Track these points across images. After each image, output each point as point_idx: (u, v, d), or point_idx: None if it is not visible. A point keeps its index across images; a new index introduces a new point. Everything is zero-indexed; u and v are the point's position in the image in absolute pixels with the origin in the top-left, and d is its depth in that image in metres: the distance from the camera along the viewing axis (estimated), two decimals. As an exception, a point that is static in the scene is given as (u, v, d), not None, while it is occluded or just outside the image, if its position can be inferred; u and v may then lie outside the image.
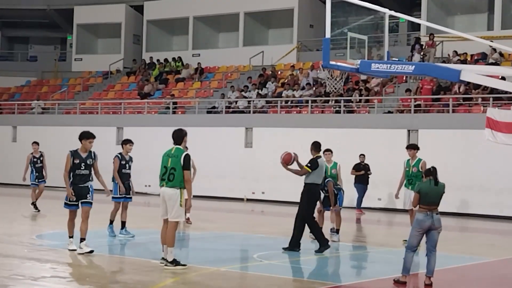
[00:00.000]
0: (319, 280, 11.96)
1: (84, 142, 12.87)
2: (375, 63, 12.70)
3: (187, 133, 12.25)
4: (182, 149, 11.93)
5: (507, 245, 17.96)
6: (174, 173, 11.76)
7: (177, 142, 12.04)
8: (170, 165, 11.81)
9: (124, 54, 40.95)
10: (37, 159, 21.38)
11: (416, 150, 16.18)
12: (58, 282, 10.45)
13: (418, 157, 16.10)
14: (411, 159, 16.10)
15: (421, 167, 15.76)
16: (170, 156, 11.87)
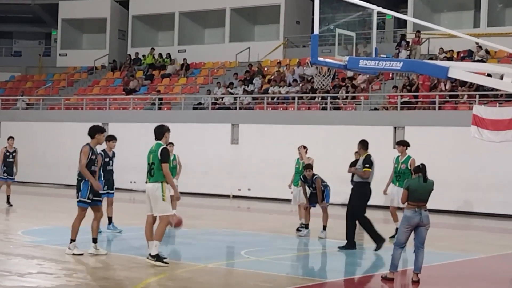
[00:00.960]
0: (307, 277, 11.96)
1: (98, 136, 12.61)
2: (363, 59, 12.70)
3: (170, 129, 12.19)
4: (162, 143, 11.90)
5: (494, 242, 18.02)
6: (153, 168, 11.77)
7: (158, 138, 12.05)
8: (151, 160, 11.83)
9: (109, 50, 40.75)
10: (10, 154, 21.27)
11: (405, 146, 16.11)
12: (45, 278, 10.37)
13: (407, 154, 16.05)
14: (400, 156, 16.05)
15: (410, 165, 15.73)
16: (151, 152, 11.90)
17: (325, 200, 16.17)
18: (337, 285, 11.05)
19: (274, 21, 36.63)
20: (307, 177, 16.18)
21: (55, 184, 32.65)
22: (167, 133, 12.10)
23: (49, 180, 32.97)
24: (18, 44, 46.33)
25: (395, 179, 16.01)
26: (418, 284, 10.92)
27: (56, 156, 32.77)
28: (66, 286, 9.91)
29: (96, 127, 12.63)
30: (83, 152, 12.31)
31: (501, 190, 23.58)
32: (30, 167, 33.23)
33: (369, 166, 14.48)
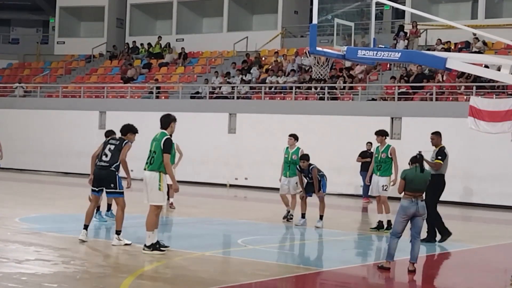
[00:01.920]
0: (303, 265, 12.03)
1: (131, 135, 12.64)
2: (361, 49, 12.76)
3: (176, 119, 12.18)
4: (166, 133, 11.90)
5: (489, 232, 18.10)
6: (154, 156, 11.75)
7: (163, 127, 12.01)
8: (153, 148, 11.81)
9: (107, 38, 40.68)
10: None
11: (384, 136, 16.06)
12: (42, 265, 10.41)
13: (387, 143, 16.02)
14: (380, 145, 15.97)
15: (390, 153, 15.75)
16: (154, 140, 11.87)
17: (321, 190, 16.21)
18: (333, 274, 11.12)
19: (272, 11, 36.61)
20: (302, 167, 16.22)
21: (52, 172, 32.69)
22: (173, 123, 12.05)
23: (46, 168, 33.00)
24: (15, 32, 46.25)
25: (376, 169, 15.86)
26: (414, 274, 11.00)
27: (53, 144, 32.79)
28: (63, 273, 9.96)
29: (129, 126, 12.61)
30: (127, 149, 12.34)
31: (497, 181, 23.67)
32: (27, 155, 33.30)
33: (441, 158, 14.49)
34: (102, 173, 12.53)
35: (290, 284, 10.37)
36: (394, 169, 15.73)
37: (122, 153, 12.36)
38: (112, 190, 12.47)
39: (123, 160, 12.37)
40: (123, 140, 12.50)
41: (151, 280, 9.85)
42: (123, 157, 12.35)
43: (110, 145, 12.59)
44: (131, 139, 12.63)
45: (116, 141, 12.60)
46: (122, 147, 12.42)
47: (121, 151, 12.40)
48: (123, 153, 12.37)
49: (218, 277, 10.43)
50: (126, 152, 12.44)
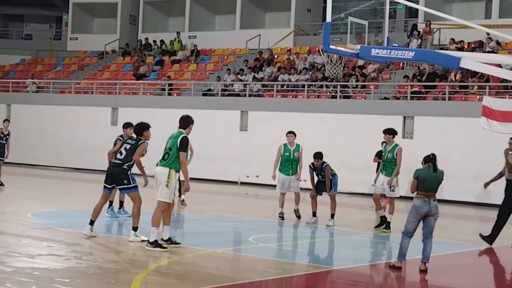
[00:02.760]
0: (314, 264, 12.02)
1: (146, 132, 12.66)
2: (375, 48, 12.70)
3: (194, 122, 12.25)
4: (183, 132, 11.95)
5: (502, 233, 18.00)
6: (170, 153, 11.81)
7: (182, 127, 12.08)
8: (168, 145, 11.86)
9: (120, 35, 40.78)
10: (4, 136, 21.75)
11: (392, 135, 15.67)
12: (55, 260, 10.45)
13: (395, 142, 15.68)
14: (388, 144, 15.67)
15: (396, 153, 15.47)
16: (171, 138, 11.93)
17: (333, 188, 16.20)
18: (344, 273, 11.10)
19: (285, 9, 36.60)
20: (315, 166, 16.19)
21: (64, 168, 32.79)
22: (192, 125, 12.18)
23: (58, 164, 33.10)
24: (29, 28, 46.40)
25: (382, 168, 15.68)
26: (426, 273, 10.97)
27: (65, 140, 32.90)
28: (75, 268, 9.98)
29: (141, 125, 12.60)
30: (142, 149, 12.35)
31: (509, 182, 23.53)
32: (40, 150, 33.43)
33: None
34: (114, 171, 12.59)
35: (301, 282, 10.36)
36: (395, 169, 15.45)
37: (136, 153, 12.40)
38: (125, 186, 12.51)
39: (136, 160, 12.40)
40: (139, 140, 12.53)
41: (163, 276, 9.87)
42: (136, 157, 12.39)
43: (126, 144, 12.68)
44: (147, 137, 12.65)
45: (132, 141, 12.66)
46: (138, 146, 12.45)
47: (136, 151, 12.43)
48: (137, 153, 12.41)
49: (229, 274, 10.44)
50: (141, 152, 12.47)
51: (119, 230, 14.40)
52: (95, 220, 12.65)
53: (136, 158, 12.40)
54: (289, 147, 16.76)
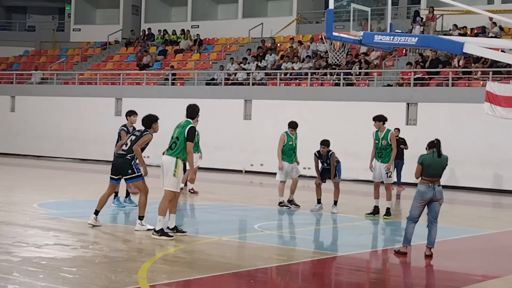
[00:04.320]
0: (319, 250, 12.09)
1: (155, 125, 12.69)
2: (378, 35, 12.75)
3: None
4: (191, 121, 11.99)
5: (506, 217, 18.09)
6: (177, 142, 11.84)
7: (189, 116, 12.15)
8: (175, 135, 11.90)
9: (123, 25, 40.78)
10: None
11: (382, 121, 15.51)
12: (61, 250, 10.52)
13: (386, 128, 15.56)
14: (380, 132, 15.51)
15: (390, 139, 15.39)
16: (179, 127, 11.97)
17: (337, 176, 16.23)
18: (350, 259, 11.15)
19: (288, -3, 36.56)
20: (321, 153, 16.22)
21: (69, 158, 32.88)
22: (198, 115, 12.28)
23: (62, 154, 33.18)
24: (32, 19, 46.38)
25: (377, 156, 15.52)
26: (431, 258, 11.02)
27: (70, 131, 32.97)
28: (82, 257, 10.05)
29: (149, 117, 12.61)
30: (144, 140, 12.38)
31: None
32: (44, 141, 33.51)
33: None
34: (118, 161, 12.68)
35: (307, 268, 10.42)
36: (392, 154, 15.39)
37: (137, 143, 12.43)
38: (130, 176, 12.57)
39: (136, 150, 12.40)
40: (146, 131, 12.55)
41: (169, 265, 9.93)
42: (136, 147, 12.41)
43: (133, 136, 12.76)
44: (156, 129, 12.66)
45: (138, 132, 12.73)
46: (141, 137, 12.49)
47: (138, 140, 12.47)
48: (138, 143, 12.43)
49: (235, 262, 10.50)
50: (143, 143, 12.48)
51: (125, 220, 14.48)
52: (100, 210, 12.72)
53: (136, 148, 12.41)
54: (291, 136, 16.77)
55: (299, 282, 9.71)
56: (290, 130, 16.74)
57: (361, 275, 10.27)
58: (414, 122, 25.42)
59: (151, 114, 12.76)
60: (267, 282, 9.51)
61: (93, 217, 12.66)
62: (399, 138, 23.04)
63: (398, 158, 22.10)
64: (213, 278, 9.11)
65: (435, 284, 9.94)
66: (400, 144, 22.59)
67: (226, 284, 9.08)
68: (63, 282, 8.45)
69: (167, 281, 8.83)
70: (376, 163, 15.59)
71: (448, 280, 9.86)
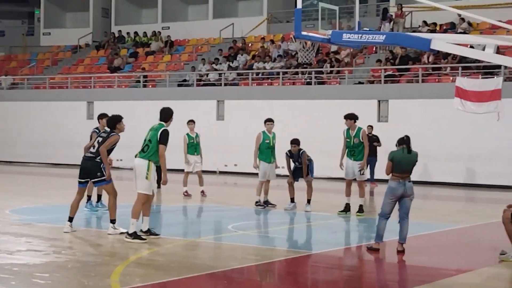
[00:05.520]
0: (293, 249, 12.12)
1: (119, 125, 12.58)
2: (346, 33, 12.82)
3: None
4: (164, 125, 11.96)
5: (477, 212, 18.26)
6: (149, 145, 11.82)
7: (163, 119, 12.09)
8: (148, 137, 11.88)
9: (93, 28, 40.58)
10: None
11: (354, 120, 15.52)
12: (34, 256, 10.45)
13: (357, 126, 15.56)
14: (351, 130, 15.52)
15: (362, 137, 15.44)
16: (152, 130, 11.95)
17: (309, 174, 16.29)
18: (323, 257, 11.21)
19: (258, -3, 36.60)
20: (292, 152, 16.27)
21: (41, 163, 32.65)
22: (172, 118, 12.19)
23: (35, 159, 32.95)
24: (1, 24, 45.96)
25: (350, 154, 15.56)
26: (403, 254, 11.11)
27: (41, 135, 32.75)
28: (55, 262, 10.00)
29: (113, 118, 12.53)
30: (111, 141, 12.30)
31: (484, 161, 23.84)
32: (16, 147, 33.28)
33: None
34: (87, 164, 12.60)
35: (281, 267, 10.45)
36: (365, 152, 15.44)
37: (104, 144, 12.36)
38: (99, 179, 12.51)
39: (102, 151, 12.32)
40: (112, 132, 12.49)
41: (143, 268, 9.90)
42: (103, 148, 12.32)
43: (100, 137, 12.68)
44: (121, 129, 12.59)
45: (105, 134, 12.65)
46: (108, 138, 12.42)
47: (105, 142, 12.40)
48: (105, 144, 12.36)
49: (210, 263, 10.51)
50: (110, 144, 12.40)
51: (98, 224, 14.40)
52: (74, 216, 12.64)
53: (103, 149, 12.33)
54: (268, 135, 16.79)
55: (274, 281, 9.75)
56: (268, 126, 16.76)
57: (335, 273, 10.32)
58: (385, 119, 25.57)
59: (115, 114, 12.70)
60: (241, 283, 9.52)
61: (68, 224, 12.56)
62: (372, 135, 23.20)
63: (371, 155, 22.17)
64: (186, 280, 9.11)
65: (408, 279, 10.02)
66: (373, 142, 22.77)
67: (200, 285, 9.08)
68: (35, 288, 8.42)
69: (140, 284, 8.81)
70: (349, 161, 15.66)
71: (420, 275, 9.94)
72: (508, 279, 10.07)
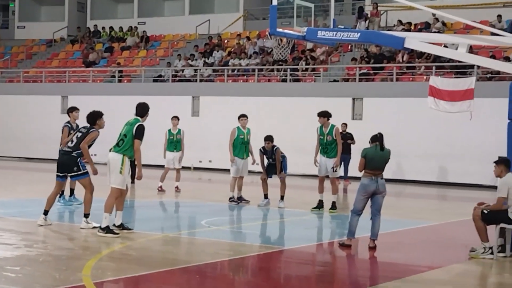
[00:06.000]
0: (266, 244, 12.18)
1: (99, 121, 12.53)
2: (321, 30, 12.91)
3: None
4: (139, 120, 11.94)
5: (449, 210, 18.44)
6: (124, 140, 11.80)
7: (139, 114, 12.05)
8: (123, 132, 11.87)
9: (68, 22, 40.31)
10: None
11: (327, 117, 15.55)
12: (4, 249, 10.39)
13: (330, 123, 15.59)
14: (324, 127, 15.56)
15: (335, 135, 15.49)
16: (127, 125, 11.95)
17: (283, 171, 16.35)
18: (295, 252, 11.27)
19: (234, -7, 36.56)
20: (266, 149, 16.32)
21: (15, 157, 32.43)
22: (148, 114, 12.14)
23: (8, 153, 32.71)
24: (-26, 17, 45.61)
25: (323, 151, 15.60)
26: (375, 250, 11.20)
27: (15, 130, 32.52)
28: (26, 256, 9.96)
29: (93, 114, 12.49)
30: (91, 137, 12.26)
31: (456, 160, 24.06)
32: (-11, 141, 32.97)
33: None
34: (64, 159, 12.59)
35: (254, 262, 10.49)
36: (338, 150, 15.51)
37: (85, 141, 12.34)
38: (75, 173, 12.50)
39: (83, 148, 12.33)
40: (92, 128, 12.47)
41: (115, 262, 9.90)
42: (84, 145, 12.32)
43: (78, 132, 12.67)
44: (101, 125, 12.56)
45: (84, 129, 12.62)
46: (88, 134, 12.40)
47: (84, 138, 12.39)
48: (86, 140, 12.35)
49: (182, 257, 10.54)
50: (90, 140, 12.40)
51: (70, 218, 14.35)
52: (49, 209, 12.60)
53: (84, 146, 12.33)
54: (242, 130, 16.83)
55: (247, 276, 9.78)
56: (242, 122, 16.79)
57: (307, 268, 10.38)
58: (360, 117, 25.71)
59: (95, 110, 12.68)
60: (214, 277, 9.54)
61: (42, 217, 12.53)
62: (347, 133, 23.32)
63: (345, 153, 22.32)
64: (158, 274, 9.12)
65: (379, 275, 10.11)
66: (347, 139, 22.89)
67: (173, 279, 9.09)
68: (5, 282, 8.37)
69: (112, 278, 8.81)
70: (322, 158, 15.72)
71: (391, 271, 10.04)
72: (477, 275, 10.20)
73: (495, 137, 21.36)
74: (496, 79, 24.19)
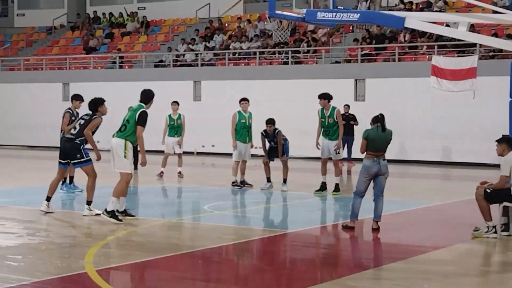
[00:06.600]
0: (269, 228, 12.14)
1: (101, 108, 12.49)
2: (321, 11, 12.82)
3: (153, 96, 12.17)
4: (143, 106, 11.87)
5: (453, 189, 18.39)
6: (127, 125, 11.77)
7: (143, 101, 12.00)
8: (126, 117, 11.84)
9: (68, 9, 40.16)
10: None
11: (328, 99, 15.41)
12: (7, 238, 10.38)
13: (331, 105, 15.48)
14: (325, 110, 15.44)
15: (336, 117, 15.40)
16: (130, 110, 11.92)
17: (285, 154, 16.30)
18: (299, 235, 11.23)
19: (234, -24, 36.36)
20: (268, 132, 16.26)
21: (17, 146, 32.42)
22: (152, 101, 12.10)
23: (10, 142, 32.71)
24: (-27, 5, 45.45)
25: (325, 134, 15.50)
26: (378, 232, 11.16)
27: (17, 118, 32.48)
28: (28, 244, 9.94)
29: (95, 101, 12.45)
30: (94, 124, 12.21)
31: (459, 139, 23.98)
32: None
33: None
34: (67, 146, 12.59)
35: (257, 246, 10.46)
36: (340, 132, 15.44)
37: (88, 127, 12.31)
38: (78, 161, 12.47)
39: (87, 134, 12.31)
40: (94, 115, 12.43)
41: (118, 248, 9.88)
42: (87, 131, 12.30)
43: (81, 119, 12.65)
44: (103, 112, 12.53)
45: (87, 116, 12.58)
46: (91, 121, 12.37)
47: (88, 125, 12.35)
48: (89, 127, 12.32)
49: (185, 243, 10.52)
50: (93, 126, 12.36)
51: (73, 205, 14.33)
52: (52, 196, 12.59)
53: (87, 132, 12.31)
54: (244, 114, 16.78)
55: (251, 260, 9.75)
56: (243, 105, 16.72)
57: (311, 251, 10.33)
58: (362, 98, 25.62)
59: (97, 97, 12.64)
60: (218, 262, 9.49)
61: (45, 203, 12.53)
62: (349, 114, 23.23)
63: (348, 134, 22.28)
64: (162, 260, 9.09)
65: (382, 257, 10.08)
66: (350, 120, 22.81)
67: (177, 265, 9.06)
68: (8, 270, 8.35)
69: (115, 264, 8.78)
70: (324, 141, 15.65)
71: (394, 252, 9.99)
72: (480, 254, 10.15)
73: (498, 115, 21.23)
74: (498, 57, 24.04)
